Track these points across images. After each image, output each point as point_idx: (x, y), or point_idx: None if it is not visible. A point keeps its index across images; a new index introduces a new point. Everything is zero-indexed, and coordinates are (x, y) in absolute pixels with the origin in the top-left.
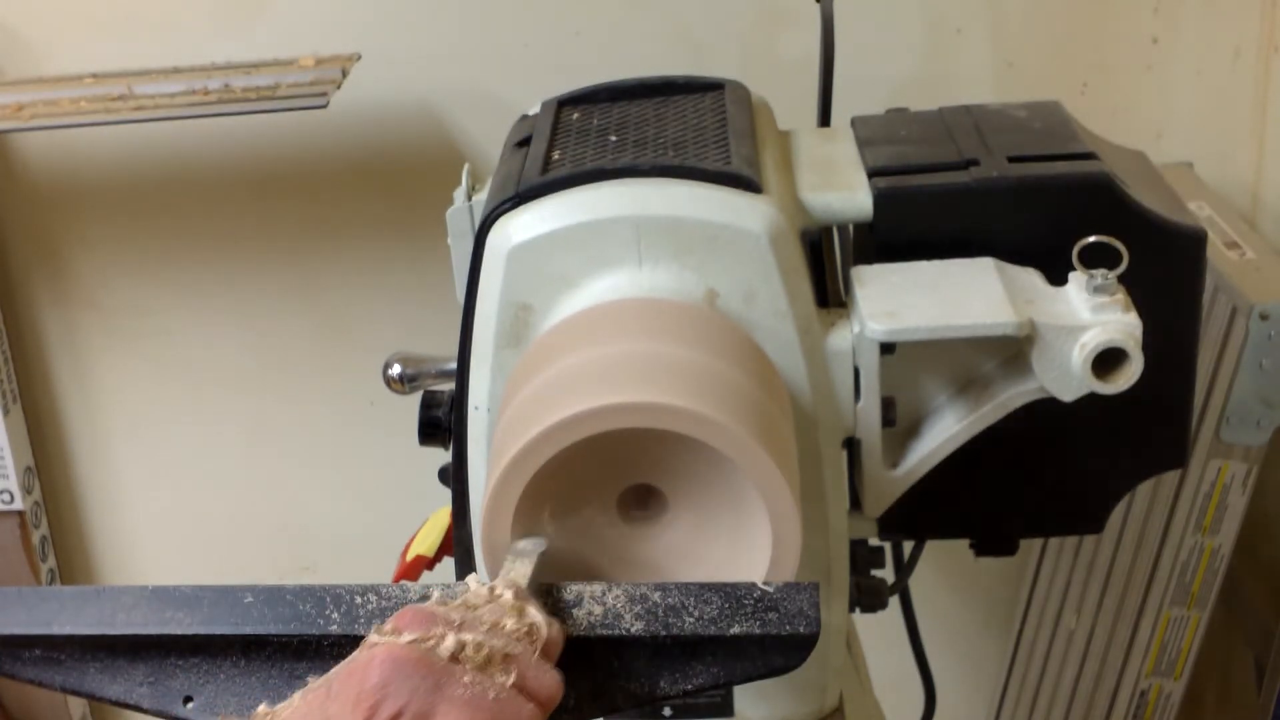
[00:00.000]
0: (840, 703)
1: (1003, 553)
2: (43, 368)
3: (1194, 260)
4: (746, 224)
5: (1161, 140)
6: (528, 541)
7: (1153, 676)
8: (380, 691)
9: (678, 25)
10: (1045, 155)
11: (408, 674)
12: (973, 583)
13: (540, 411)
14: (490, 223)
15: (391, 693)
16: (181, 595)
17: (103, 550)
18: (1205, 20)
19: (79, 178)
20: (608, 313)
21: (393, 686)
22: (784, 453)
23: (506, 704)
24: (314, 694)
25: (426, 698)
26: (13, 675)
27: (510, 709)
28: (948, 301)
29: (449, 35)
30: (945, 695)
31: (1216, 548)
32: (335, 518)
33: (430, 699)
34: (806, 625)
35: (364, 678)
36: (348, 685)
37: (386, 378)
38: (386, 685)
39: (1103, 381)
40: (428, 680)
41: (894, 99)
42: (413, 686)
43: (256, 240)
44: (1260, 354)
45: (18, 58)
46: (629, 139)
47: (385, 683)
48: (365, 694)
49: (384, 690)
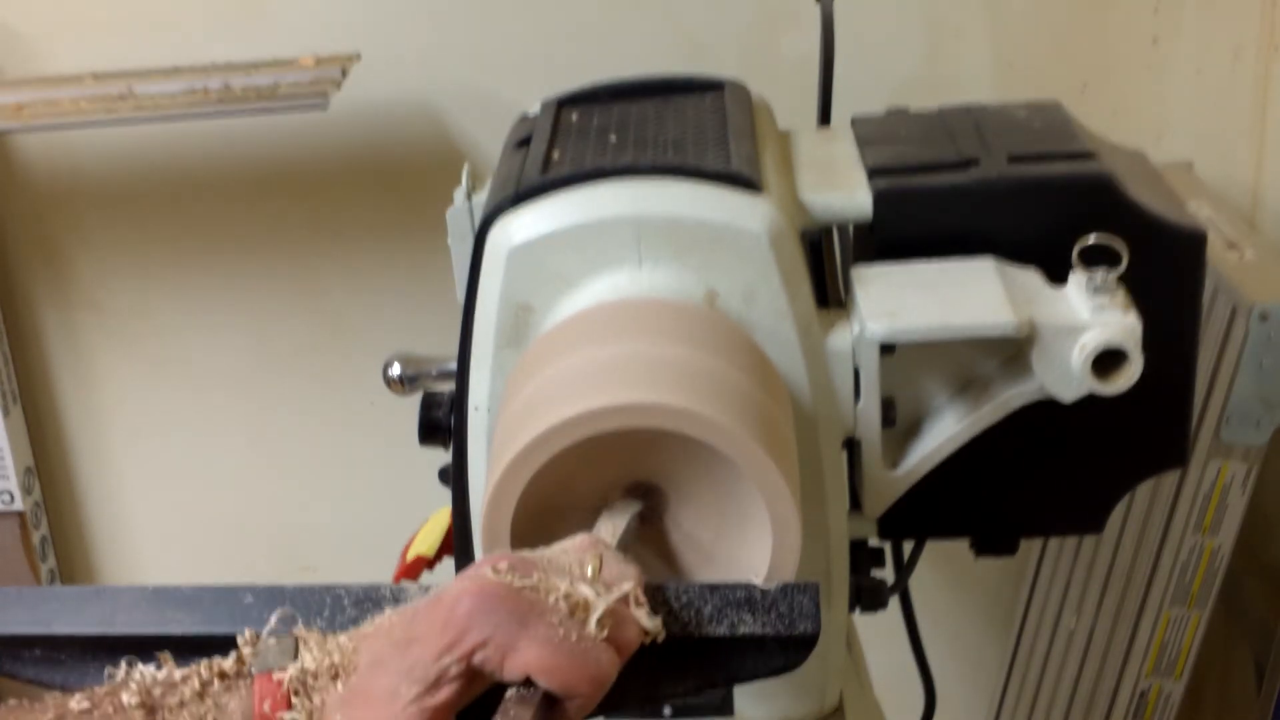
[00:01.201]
0: (840, 703)
1: (1003, 553)
2: (43, 368)
3: (1194, 260)
4: (746, 224)
5: (1161, 140)
6: (621, 502)
7: (1153, 676)
8: (468, 620)
9: (678, 25)
10: (1045, 155)
11: (494, 607)
12: (973, 583)
13: (540, 412)
14: (490, 223)
15: (478, 622)
16: (181, 595)
17: (103, 550)
18: (1205, 20)
19: (79, 178)
20: (608, 313)
21: (480, 617)
22: (784, 453)
23: (588, 649)
24: (398, 615)
25: (512, 632)
26: (13, 675)
27: (591, 654)
28: (948, 301)
29: (449, 35)
30: (945, 695)
31: (1216, 548)
32: (335, 518)
33: (515, 634)
34: (806, 625)
35: (453, 605)
36: (435, 611)
37: (386, 378)
38: (474, 615)
39: (1103, 382)
40: (514, 615)
41: (894, 99)
42: (498, 620)
43: (256, 240)
44: (1260, 354)
45: (18, 58)
46: (629, 139)
47: (473, 612)
48: (453, 621)
49: (471, 619)
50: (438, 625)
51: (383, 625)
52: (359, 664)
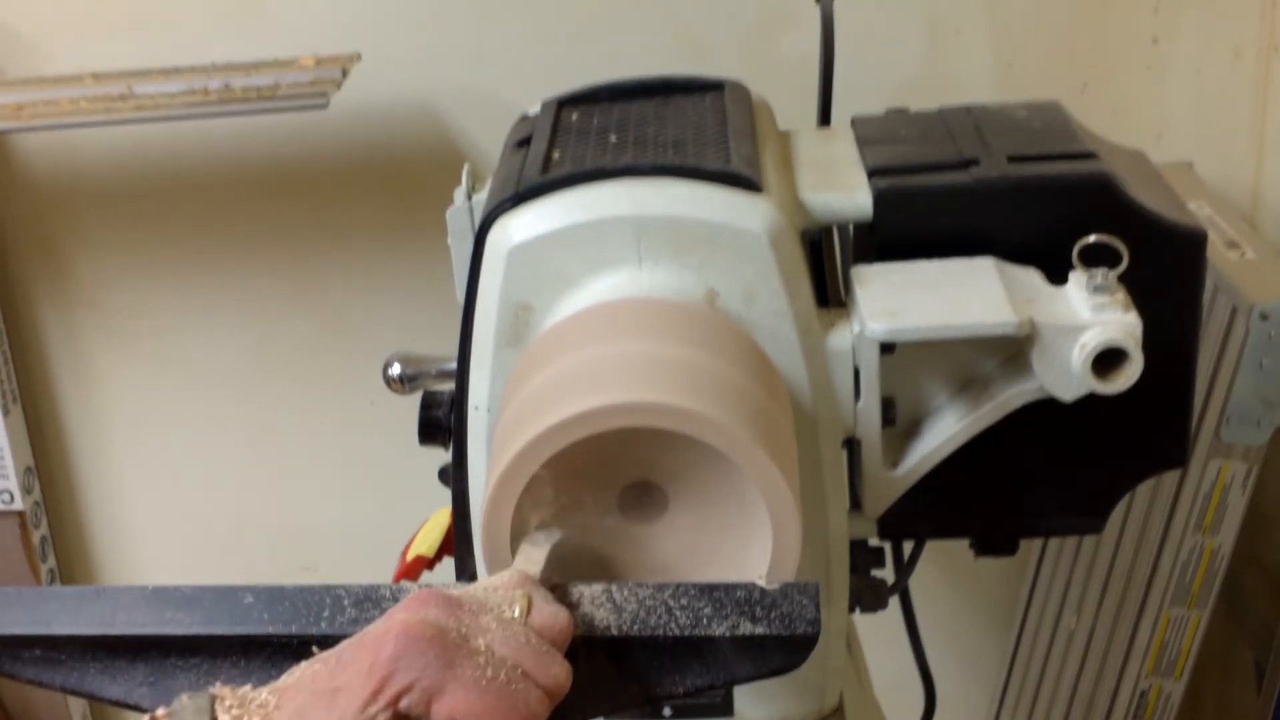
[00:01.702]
0: (840, 703)
1: (1003, 553)
2: (43, 368)
3: (1194, 260)
4: (746, 224)
5: (1161, 140)
6: (541, 533)
7: (1153, 676)
8: (393, 664)
9: (678, 25)
10: (1045, 155)
11: (422, 650)
12: (973, 583)
13: (540, 411)
14: (490, 222)
15: (403, 666)
16: (181, 595)
17: (103, 550)
18: (1205, 20)
19: (79, 178)
20: (608, 312)
21: (405, 660)
22: (784, 453)
23: (515, 689)
24: (321, 664)
25: (438, 675)
26: (13, 675)
27: (519, 695)
28: (948, 301)
29: (449, 35)
30: (945, 695)
31: (1216, 548)
32: (335, 518)
33: (441, 676)
34: (806, 625)
35: (378, 649)
36: (360, 655)
37: (386, 378)
38: (399, 659)
39: (1103, 381)
40: (441, 658)
41: (894, 99)
42: (425, 662)
43: (256, 240)
44: (1260, 354)
45: (18, 58)
46: (629, 139)
47: (398, 655)
48: (378, 665)
49: (396, 663)
50: (363, 671)
51: (305, 676)
52: None
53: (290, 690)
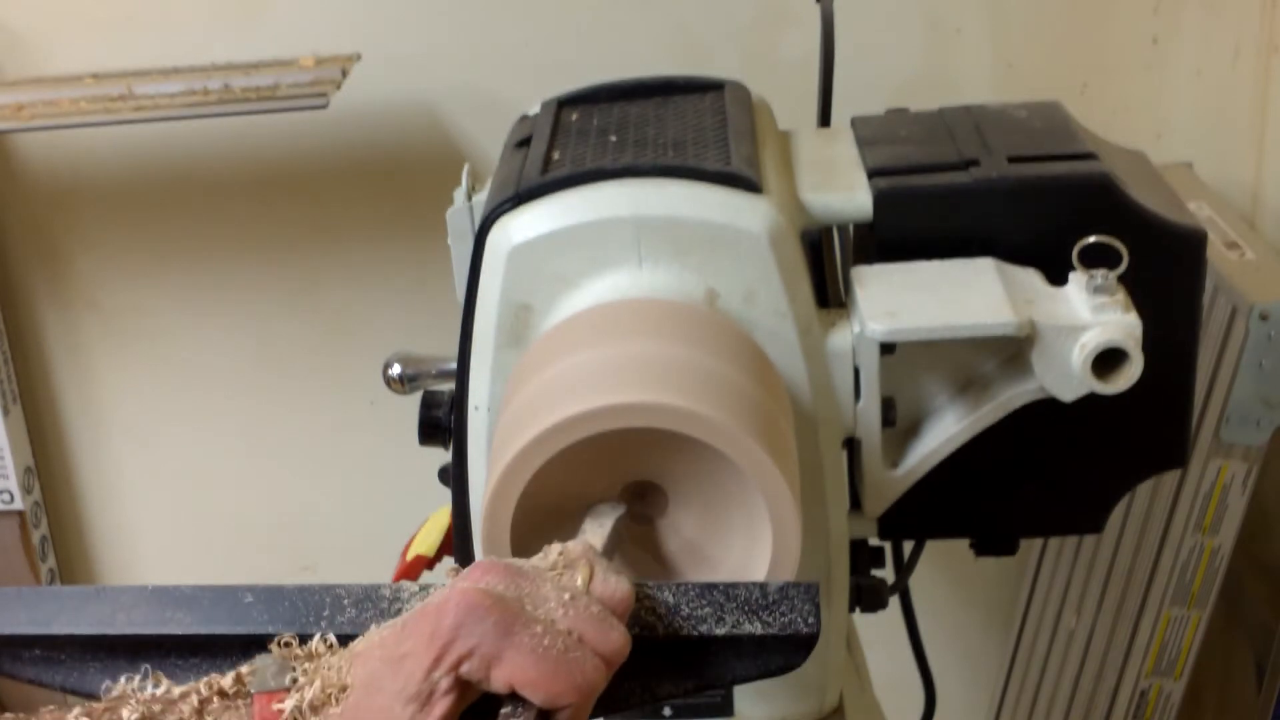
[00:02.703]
0: (840, 702)
1: (1003, 553)
2: (43, 368)
3: (1194, 260)
4: (746, 224)
5: (1161, 140)
6: (606, 505)
7: (1153, 676)
8: (453, 631)
9: (678, 25)
10: (1045, 155)
11: (480, 617)
12: (973, 583)
13: (540, 411)
14: (490, 223)
15: (464, 634)
16: (181, 595)
17: (103, 550)
18: (1205, 20)
19: (79, 178)
20: (608, 313)
21: (465, 628)
22: (784, 453)
23: (572, 657)
24: (390, 630)
25: (496, 642)
26: (13, 675)
27: (575, 662)
28: (948, 301)
29: (449, 35)
30: (945, 695)
31: (1216, 548)
32: (335, 518)
33: (500, 644)
34: (806, 625)
35: (439, 617)
36: (422, 623)
37: (386, 378)
38: (459, 626)
39: (1103, 381)
40: (500, 625)
41: (894, 99)
42: (484, 630)
43: (256, 240)
44: (1260, 354)
45: (18, 58)
46: (629, 139)
47: (459, 624)
48: (439, 632)
49: (456, 630)
50: (425, 637)
51: (374, 641)
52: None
53: (362, 656)
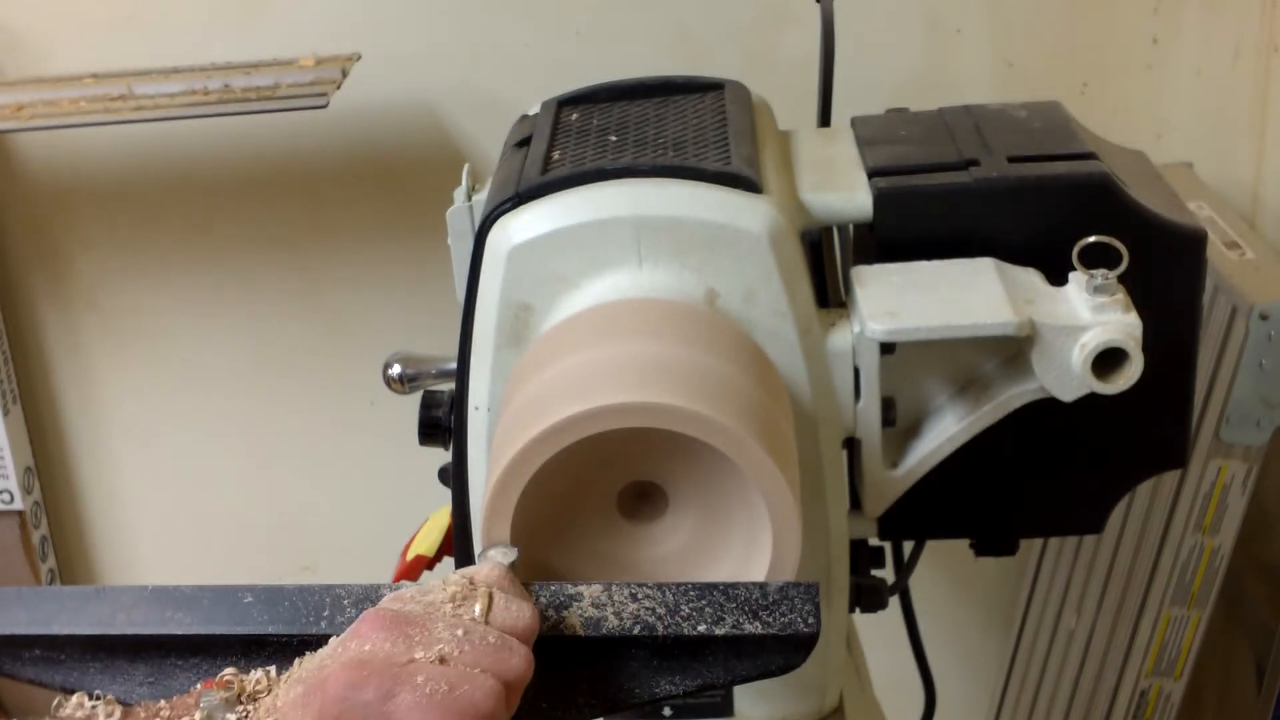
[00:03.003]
0: (840, 702)
1: (1003, 553)
2: (43, 368)
3: (1194, 260)
4: (746, 224)
5: (1161, 140)
6: (497, 550)
7: (1153, 676)
8: (338, 706)
9: (678, 25)
10: (1045, 155)
11: (358, 689)
12: (973, 583)
13: (541, 412)
14: (490, 223)
15: (347, 710)
16: (181, 595)
17: (103, 550)
18: (1205, 20)
19: (79, 178)
20: (608, 313)
21: (347, 703)
22: (784, 453)
23: (460, 693)
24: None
25: (381, 707)
26: (13, 675)
27: (464, 697)
28: (948, 301)
29: (449, 35)
30: (945, 695)
31: (1216, 548)
32: (335, 518)
33: (385, 708)
34: (806, 625)
35: (322, 701)
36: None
37: (386, 378)
38: (342, 701)
39: (1103, 381)
40: (379, 691)
41: (894, 99)
42: (365, 701)
43: (256, 240)
44: (1260, 354)
45: (18, 58)
46: (629, 139)
47: (340, 699)
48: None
49: (340, 706)
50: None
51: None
52: None
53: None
